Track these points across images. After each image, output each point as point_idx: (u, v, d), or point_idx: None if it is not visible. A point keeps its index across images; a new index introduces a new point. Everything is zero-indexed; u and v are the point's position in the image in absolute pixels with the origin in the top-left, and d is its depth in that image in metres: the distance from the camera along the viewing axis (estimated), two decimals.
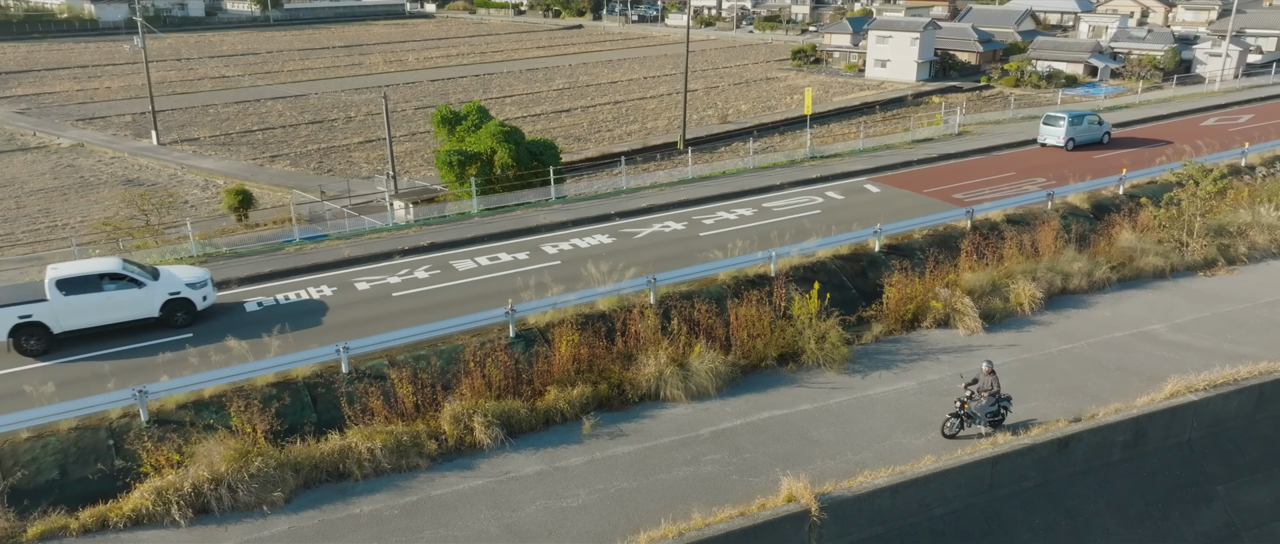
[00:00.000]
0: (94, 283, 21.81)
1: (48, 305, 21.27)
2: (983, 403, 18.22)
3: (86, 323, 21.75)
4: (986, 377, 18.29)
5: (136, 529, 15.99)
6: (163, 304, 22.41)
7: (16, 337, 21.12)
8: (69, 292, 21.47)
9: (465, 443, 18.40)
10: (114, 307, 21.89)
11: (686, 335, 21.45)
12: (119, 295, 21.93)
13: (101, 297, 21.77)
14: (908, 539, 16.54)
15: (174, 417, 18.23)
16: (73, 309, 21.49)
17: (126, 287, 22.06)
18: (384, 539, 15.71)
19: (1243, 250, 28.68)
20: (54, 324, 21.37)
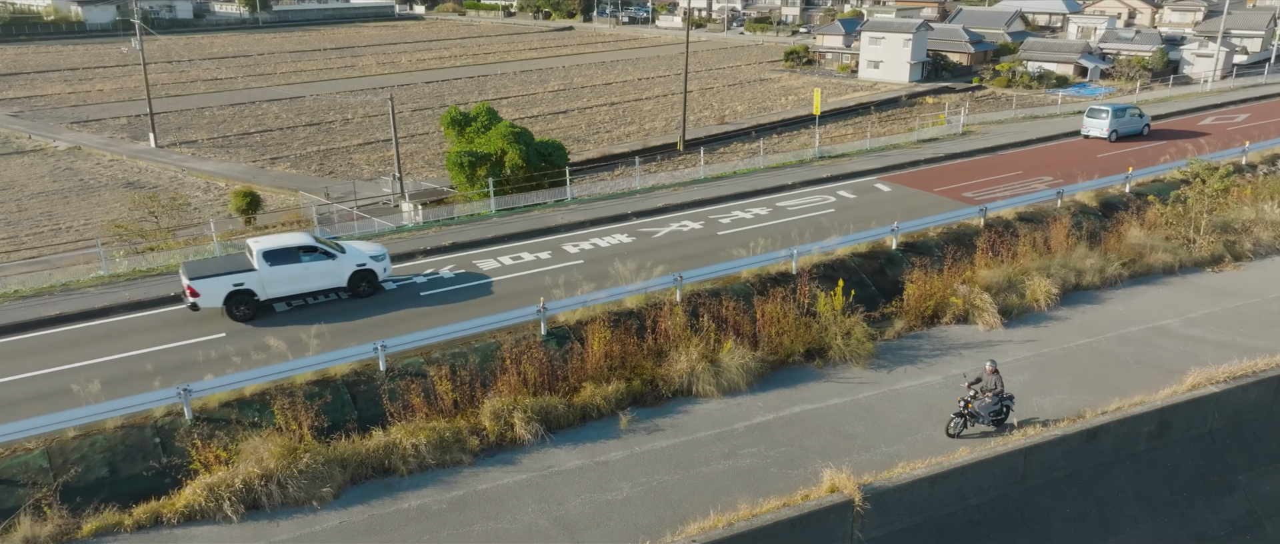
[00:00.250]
0: (294, 255, 23.62)
1: (256, 275, 23.02)
2: (987, 402, 18.39)
3: (287, 291, 23.65)
4: (990, 376, 18.43)
5: (190, 525, 16.19)
6: (350, 275, 24.24)
7: (230, 303, 22.79)
8: (273, 262, 23.25)
9: (506, 438, 18.68)
10: (310, 277, 23.76)
11: (715, 332, 21.81)
12: (314, 266, 23.76)
13: (299, 267, 23.61)
14: (945, 528, 16.96)
15: (217, 414, 18.44)
16: (276, 278, 23.30)
17: (320, 258, 23.89)
18: (435, 533, 15.99)
19: (1248, 246, 29.30)
20: (261, 292, 23.15)
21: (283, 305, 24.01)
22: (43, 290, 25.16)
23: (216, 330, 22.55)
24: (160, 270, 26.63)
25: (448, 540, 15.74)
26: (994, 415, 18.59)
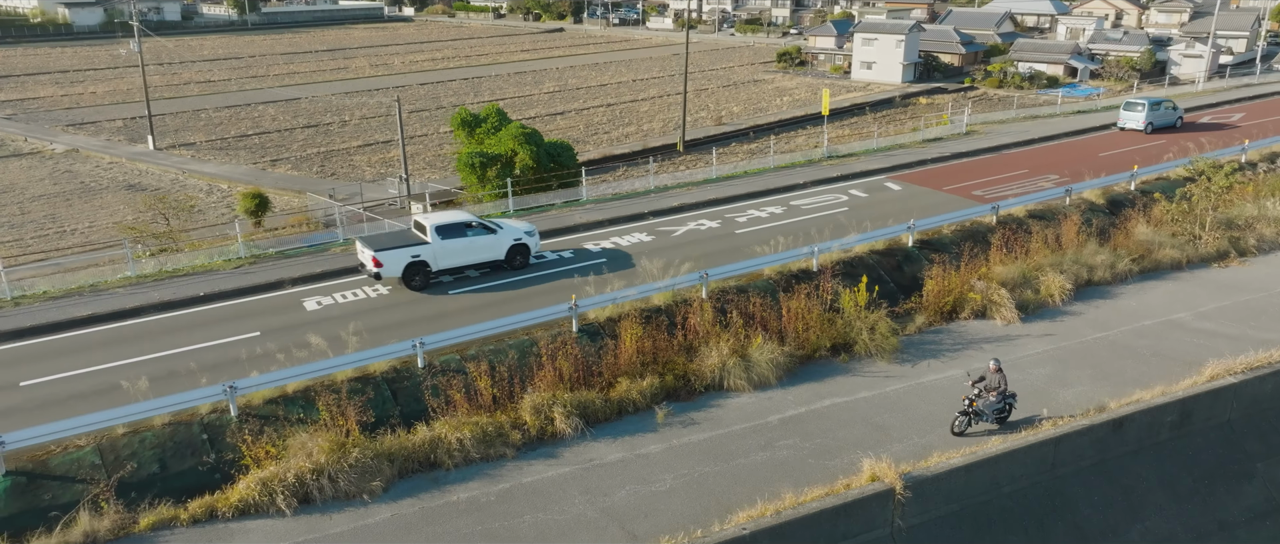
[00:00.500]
0: (461, 230, 25.75)
1: (430, 247, 25.16)
2: (991, 401, 18.61)
3: (455, 263, 25.80)
4: (994, 375, 18.64)
5: (244, 519, 16.47)
6: (508, 249, 26.40)
7: (407, 273, 24.83)
8: (445, 236, 25.38)
9: (547, 432, 19.05)
10: (475, 250, 25.95)
11: (743, 328, 22.25)
12: (478, 240, 25.97)
13: (465, 241, 25.77)
14: (980, 516, 17.45)
15: (262, 411, 18.71)
16: (447, 251, 25.47)
17: (482, 233, 26.07)
18: (486, 524, 16.33)
19: (1252, 242, 30.00)
20: (434, 263, 25.28)
21: (447, 277, 26.12)
22: (72, 291, 25.33)
23: (251, 330, 22.81)
24: (186, 271, 26.83)
25: (499, 532, 16.09)
26: (997, 413, 18.83)
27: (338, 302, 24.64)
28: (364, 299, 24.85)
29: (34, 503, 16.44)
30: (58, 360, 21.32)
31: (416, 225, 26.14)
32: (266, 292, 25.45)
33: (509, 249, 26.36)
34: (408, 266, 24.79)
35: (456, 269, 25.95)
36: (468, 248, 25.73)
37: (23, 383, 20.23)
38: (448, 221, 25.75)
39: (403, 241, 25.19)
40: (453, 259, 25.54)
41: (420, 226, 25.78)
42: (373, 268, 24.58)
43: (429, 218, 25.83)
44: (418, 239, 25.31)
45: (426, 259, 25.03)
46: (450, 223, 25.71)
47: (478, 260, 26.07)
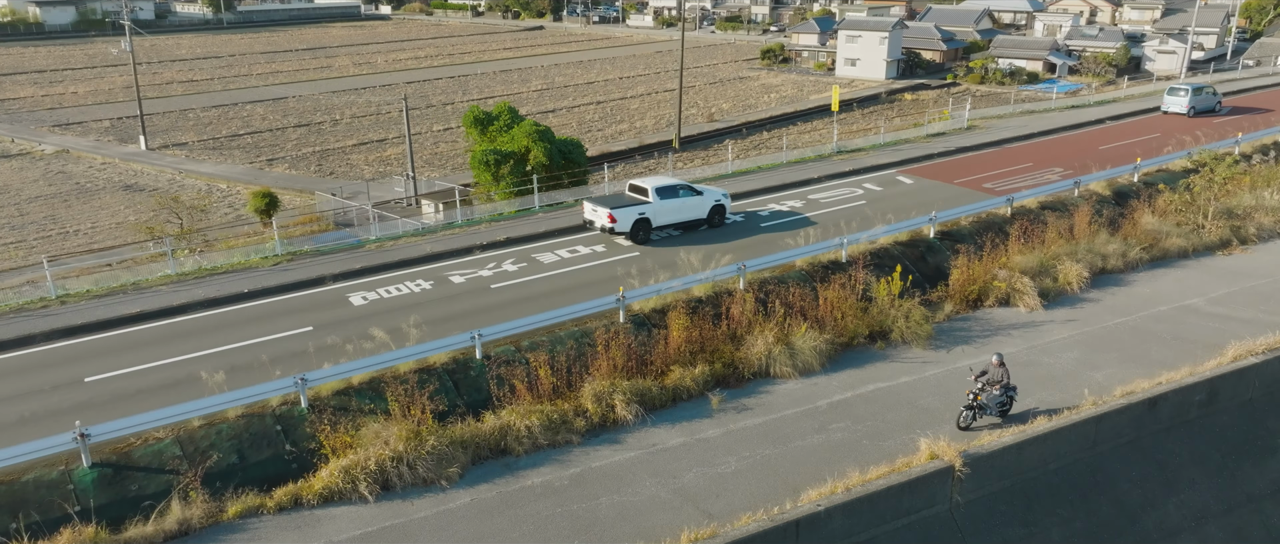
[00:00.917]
0: (675, 192, 29.59)
1: (651, 206, 28.93)
2: (995, 394, 19.04)
3: (670, 220, 29.53)
4: (997, 369, 19.03)
5: (328, 506, 16.95)
6: (710, 209, 30.15)
7: (635, 228, 28.58)
8: (663, 197, 29.24)
9: (609, 419, 19.68)
10: (685, 209, 29.73)
11: (783, 317, 23.02)
12: (688, 201, 29.73)
13: (678, 202, 29.58)
14: (1029, 491, 18.35)
15: (329, 402, 19.17)
16: (665, 210, 29.20)
17: (691, 195, 29.81)
18: (565, 506, 16.95)
19: (1252, 231, 31.26)
20: (654, 219, 29.02)
21: (659, 234, 29.52)
22: (114, 289, 25.57)
23: (303, 325, 23.23)
24: (225, 268, 27.13)
25: (579, 513, 16.71)
26: (1001, 407, 19.26)
27: (383, 297, 25.09)
28: (408, 294, 25.33)
29: (122, 493, 16.83)
30: (116, 357, 21.62)
31: (633, 188, 30.16)
32: (309, 288, 25.85)
33: (711, 209, 30.21)
34: (635, 222, 28.68)
35: (669, 225, 29.68)
36: (680, 208, 29.57)
37: (87, 379, 20.53)
38: (665, 184, 29.76)
39: (629, 202, 29.11)
40: (669, 217, 29.38)
41: (639, 189, 29.77)
42: (608, 224, 28.59)
43: (648, 181, 29.96)
44: (640, 199, 29.22)
45: (649, 216, 28.87)
46: (667, 185, 29.73)
47: (686, 219, 29.83)
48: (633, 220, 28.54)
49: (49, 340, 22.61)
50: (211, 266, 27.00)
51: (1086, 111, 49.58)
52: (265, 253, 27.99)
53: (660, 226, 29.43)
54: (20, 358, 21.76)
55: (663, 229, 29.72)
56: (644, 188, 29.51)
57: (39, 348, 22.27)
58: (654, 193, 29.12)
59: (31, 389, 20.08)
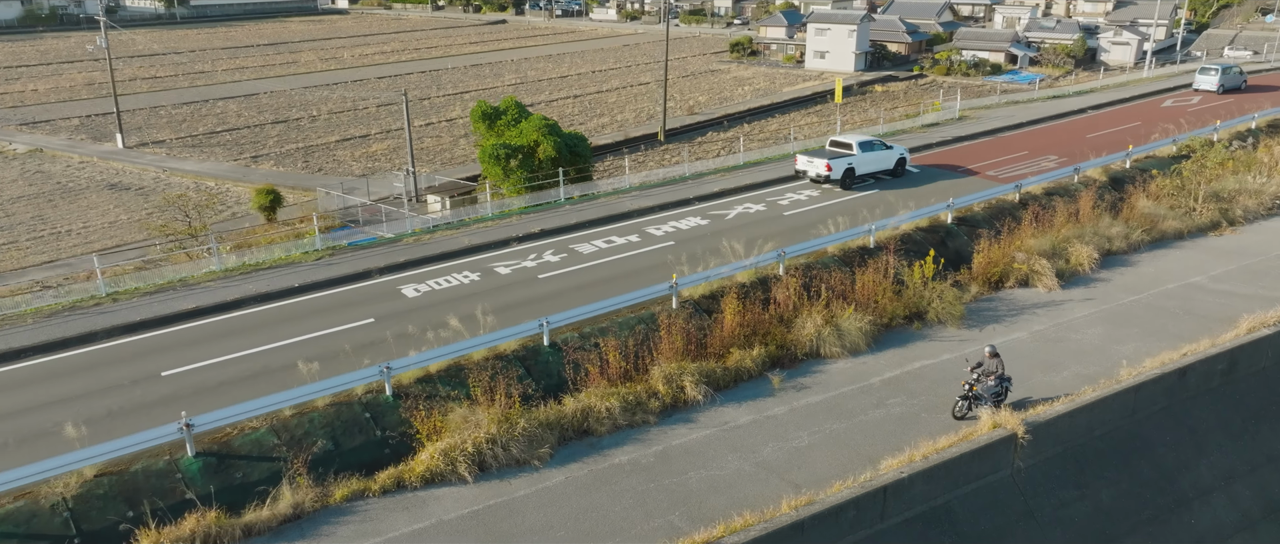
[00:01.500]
0: (872, 146, 35.26)
1: (857, 158, 34.70)
2: (990, 385, 19.45)
3: (867, 170, 35.14)
4: (991, 360, 19.48)
5: (430, 487, 17.64)
6: (896, 161, 35.92)
7: (845, 176, 34.38)
8: (864, 150, 34.99)
9: (679, 400, 20.60)
10: (879, 161, 35.47)
11: (827, 300, 24.13)
12: (881, 154, 35.49)
13: (875, 154, 35.33)
14: (1079, 455, 19.69)
15: (411, 389, 19.80)
16: (865, 161, 34.97)
17: (882, 149, 35.59)
18: (657, 481, 17.84)
19: (1239, 212, 33.19)
20: (858, 169, 34.74)
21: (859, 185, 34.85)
22: (163, 286, 25.78)
23: (364, 317, 23.75)
24: (268, 264, 27.45)
25: (672, 487, 17.62)
26: (995, 397, 19.62)
27: (434, 288, 25.68)
28: (458, 286, 25.93)
29: (227, 481, 17.32)
30: (185, 351, 21.95)
31: (835, 144, 35.59)
32: (357, 281, 26.32)
33: (896, 161, 35.99)
34: (845, 171, 34.34)
35: (867, 175, 35.16)
36: (876, 159, 35.24)
37: (164, 373, 20.88)
38: (864, 139, 35.46)
39: (837, 154, 34.86)
40: (868, 167, 35.08)
41: (842, 144, 35.26)
42: (825, 172, 34.30)
43: (850, 136, 35.56)
44: (847, 152, 34.82)
45: (854, 166, 34.59)
46: (866, 140, 35.37)
47: (878, 169, 35.42)
48: (844, 169, 34.36)
49: (111, 337, 22.84)
50: (255, 262, 27.29)
51: (1067, 102, 51.60)
52: (305, 248, 28.33)
53: (861, 175, 34.93)
54: (89, 354, 21.99)
55: (861, 177, 35.11)
56: (847, 142, 35.16)
57: (103, 344, 22.49)
58: (857, 146, 34.91)
59: (111, 384, 20.38)
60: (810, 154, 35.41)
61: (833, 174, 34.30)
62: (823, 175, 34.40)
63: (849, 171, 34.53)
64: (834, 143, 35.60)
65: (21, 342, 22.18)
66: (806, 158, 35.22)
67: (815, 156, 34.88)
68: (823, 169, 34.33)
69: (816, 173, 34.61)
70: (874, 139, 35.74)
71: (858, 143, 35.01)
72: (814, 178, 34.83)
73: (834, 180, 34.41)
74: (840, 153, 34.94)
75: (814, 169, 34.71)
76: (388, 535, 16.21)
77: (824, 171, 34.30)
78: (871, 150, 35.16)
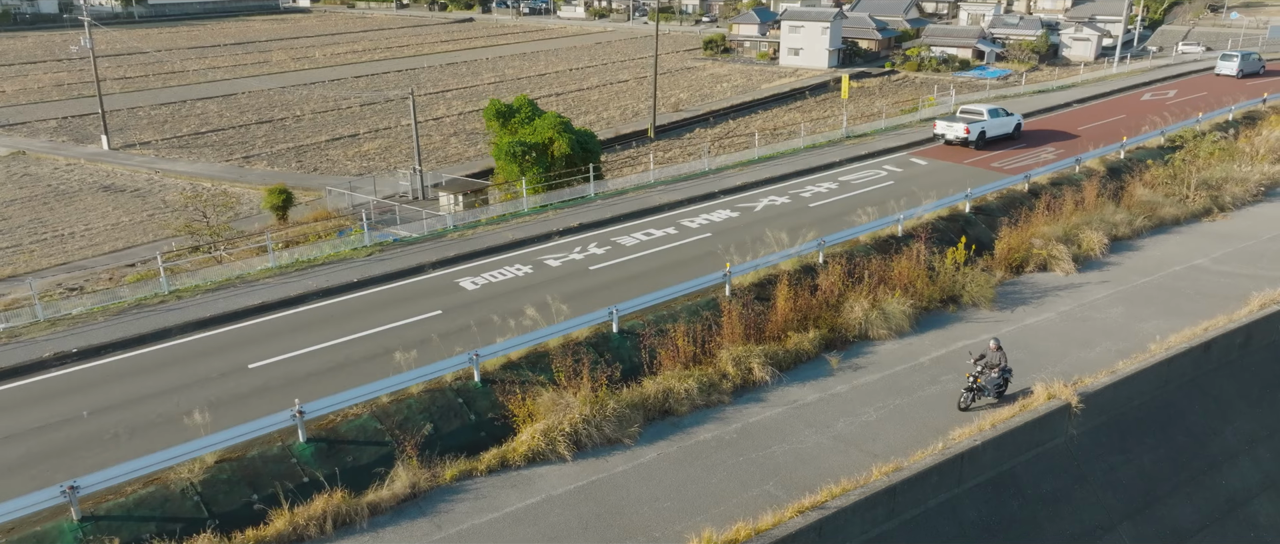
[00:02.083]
0: (998, 113, 41.75)
1: (988, 122, 41.16)
2: (993, 377, 20.15)
3: (995, 133, 41.46)
4: (995, 353, 20.14)
5: (532, 466, 18.60)
6: (1014, 126, 42.37)
7: (979, 138, 40.76)
8: (993, 116, 41.38)
9: (748, 381, 21.77)
10: (1002, 125, 41.77)
11: (868, 285, 25.49)
12: (1005, 119, 41.80)
13: (1000, 119, 41.57)
14: (1122, 424, 21.26)
15: (496, 375, 20.75)
16: (993, 125, 41.35)
17: (1005, 115, 42.09)
18: (744, 455, 19.00)
19: (1228, 199, 35.28)
20: (988, 132, 41.28)
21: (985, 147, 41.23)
22: (223, 283, 26.31)
23: (432, 309, 24.58)
24: (321, 261, 28.09)
25: (761, 460, 18.80)
26: (998, 388, 20.40)
27: (491, 281, 26.56)
28: (513, 278, 26.84)
29: (338, 464, 18.11)
30: (263, 345, 22.61)
31: (964, 111, 42.33)
32: (412, 276, 27.10)
33: (1015, 126, 42.29)
34: (979, 133, 40.56)
35: (995, 137, 41.26)
36: (1000, 124, 41.32)
37: (251, 365, 21.55)
38: (992, 107, 42.13)
39: (972, 120, 41.17)
40: (996, 130, 41.42)
41: (973, 111, 41.87)
42: (964, 135, 40.53)
43: (979, 106, 42.40)
44: (978, 118, 41.21)
45: (986, 130, 40.94)
46: (993, 108, 41.96)
47: (1001, 133, 41.53)
48: (979, 131, 40.73)
49: (185, 333, 23.39)
50: (308, 259, 27.91)
51: (1052, 97, 53.72)
52: (353, 245, 28.98)
53: (991, 138, 40.98)
54: (171, 349, 22.55)
55: (991, 139, 41.08)
56: (979, 110, 41.68)
57: (180, 340, 23.05)
58: (986, 113, 41.36)
59: (202, 377, 21.00)
60: (948, 120, 41.60)
61: (970, 136, 40.47)
62: (961, 137, 40.46)
63: (981, 134, 40.64)
64: (964, 111, 42.17)
65: (102, 338, 22.66)
66: (945, 123, 41.46)
67: (954, 122, 40.99)
68: (962, 132, 40.43)
69: (956, 135, 40.60)
70: (997, 108, 41.89)
71: (987, 110, 41.18)
72: (951, 140, 40.97)
73: (970, 141, 40.47)
74: (974, 119, 40.91)
75: (953, 132, 40.78)
76: (504, 511, 17.17)
77: (963, 134, 40.37)
78: (997, 116, 41.17)
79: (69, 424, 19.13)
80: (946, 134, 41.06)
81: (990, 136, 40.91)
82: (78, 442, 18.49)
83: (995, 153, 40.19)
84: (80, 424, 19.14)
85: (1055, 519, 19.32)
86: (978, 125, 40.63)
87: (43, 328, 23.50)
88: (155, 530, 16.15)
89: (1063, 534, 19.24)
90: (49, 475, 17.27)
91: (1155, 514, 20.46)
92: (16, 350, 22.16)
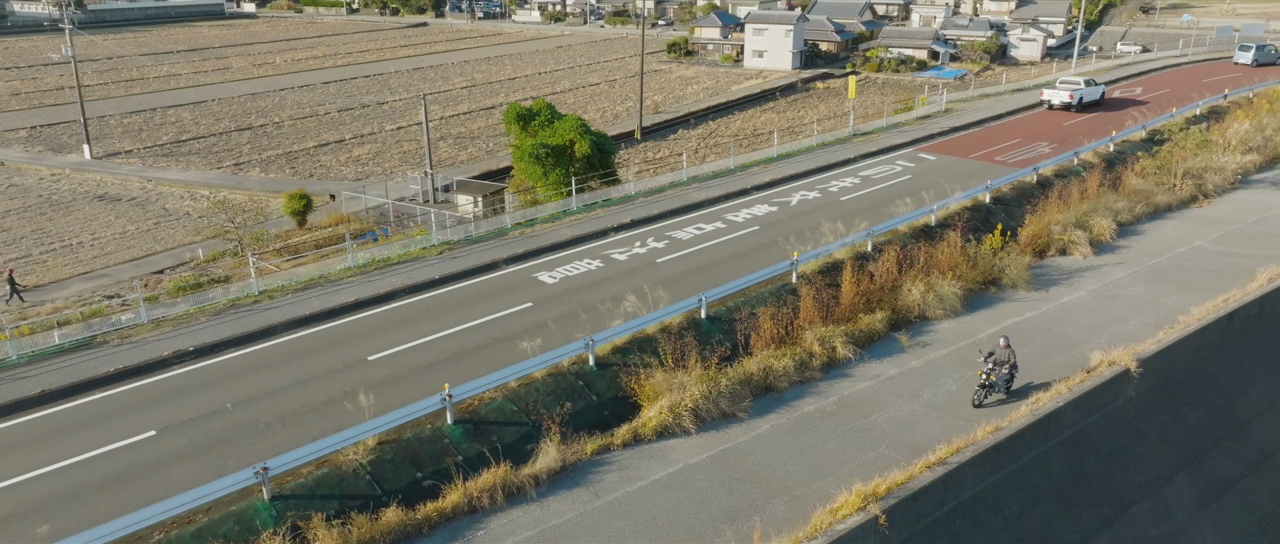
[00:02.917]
0: (1091, 82, 52.31)
1: (1083, 90, 51.87)
2: (1004, 374, 20.94)
3: (1089, 99, 52.08)
4: (1004, 350, 20.86)
5: (662, 439, 20.14)
6: (1100, 94, 52.91)
7: (1079, 102, 51.71)
8: (1086, 85, 52.03)
9: (832, 358, 23.65)
10: (1093, 93, 52.43)
11: (919, 269, 27.60)
12: (1094, 88, 52.65)
13: (1091, 88, 52.36)
14: (1168, 386, 23.67)
15: (607, 360, 22.28)
16: (1088, 93, 52.09)
17: (1095, 86, 52.68)
18: (851, 423, 20.83)
19: (1211, 187, 38.45)
20: (1084, 98, 51.86)
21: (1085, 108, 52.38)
22: (308, 283, 27.23)
23: (522, 302, 25.92)
24: (395, 260, 29.15)
25: (868, 427, 20.65)
26: (1006, 384, 21.20)
27: (567, 274, 27.98)
28: (586, 271, 28.29)
29: (485, 443, 19.45)
30: (374, 339, 23.71)
31: (1062, 82, 53.00)
32: (488, 272, 28.37)
33: (1101, 94, 52.80)
34: (1079, 99, 51.28)
35: (1089, 103, 51.93)
36: (1092, 92, 52.20)
37: (370, 358, 22.67)
38: (1087, 78, 53.02)
39: (1071, 88, 51.98)
40: (1089, 96, 52.01)
41: (1070, 82, 52.45)
42: (1069, 99, 51.56)
43: (1072, 77, 54.04)
44: (1077, 86, 51.85)
45: (1084, 95, 51.72)
46: (1087, 79, 52.73)
47: (1091, 99, 52.04)
48: (1079, 97, 51.42)
49: (289, 330, 24.36)
50: (382, 259, 28.94)
51: (1030, 95, 56.90)
52: (423, 244, 30.09)
53: (1086, 103, 51.66)
54: (281, 345, 23.52)
55: (1086, 104, 51.79)
56: (1074, 80, 52.53)
57: (285, 337, 24.01)
58: (1083, 83, 52.07)
59: (328, 369, 22.07)
60: (1052, 89, 52.90)
61: (1073, 100, 51.46)
62: (1065, 101, 51.62)
63: (1080, 99, 51.58)
64: (1063, 82, 53.11)
65: (211, 337, 23.52)
66: (1051, 91, 52.77)
67: (1058, 90, 52.36)
68: (1066, 97, 51.58)
69: (1061, 100, 51.77)
70: (1090, 78, 54.00)
71: (1083, 81, 52.42)
72: (1057, 105, 52.00)
73: (1072, 105, 51.55)
74: (1074, 88, 51.92)
75: (1058, 98, 51.94)
76: (650, 479, 18.70)
77: (1068, 99, 51.45)
78: (1091, 86, 52.24)
79: (218, 416, 20.07)
80: (1052, 99, 51.84)
81: (1085, 102, 51.63)
82: (235, 431, 19.48)
83: (993, 148, 42.86)
84: (228, 415, 20.10)
85: (1123, 471, 21.60)
86: (1078, 92, 51.37)
87: (149, 328, 24.24)
88: (337, 507, 17.33)
89: (1130, 484, 21.52)
90: (220, 462, 18.28)
91: (1203, 465, 22.93)
92: (135, 350, 22.92)
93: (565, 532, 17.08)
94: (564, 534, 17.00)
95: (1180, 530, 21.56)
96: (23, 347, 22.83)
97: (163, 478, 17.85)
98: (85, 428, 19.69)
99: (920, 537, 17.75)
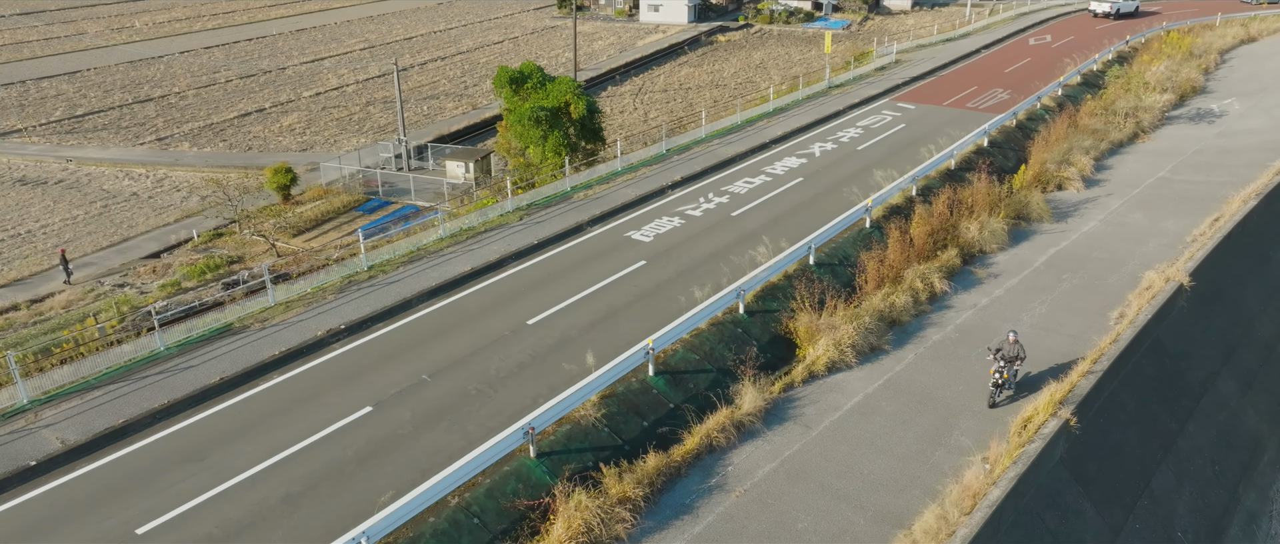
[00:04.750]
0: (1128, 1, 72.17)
1: (1122, 4, 71.66)
2: (1015, 369, 20.56)
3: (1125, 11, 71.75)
4: (1012, 345, 20.14)
5: (833, 374, 22.20)
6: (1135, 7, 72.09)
7: (1116, 13, 70.99)
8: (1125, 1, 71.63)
9: (933, 293, 26.35)
10: (1130, 5, 71.96)
11: (964, 209, 30.68)
12: (1131, 3, 72.07)
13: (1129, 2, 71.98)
14: (1202, 297, 27.67)
15: (751, 307, 24.14)
16: (1125, 6, 71.52)
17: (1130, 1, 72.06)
18: (974, 347, 23.55)
19: (1146, 124, 43.63)
20: (1122, 9, 71.21)
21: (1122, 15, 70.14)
22: (410, 256, 27.41)
23: (635, 260, 27.16)
24: (480, 229, 29.57)
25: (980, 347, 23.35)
26: (1016, 378, 21.12)
27: (659, 232, 29.33)
28: (673, 229, 29.71)
29: (684, 391, 20.98)
30: (521, 303, 24.51)
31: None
32: (578, 234, 29.36)
33: (1135, 7, 68.86)
34: (1117, 10, 69.13)
35: (1125, 14, 69.36)
36: (1130, 4, 69.76)
37: (529, 322, 23.51)
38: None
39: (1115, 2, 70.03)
40: (1126, 8, 69.98)
41: None
42: (1109, 10, 70.40)
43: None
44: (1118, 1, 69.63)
45: (1120, 7, 70.33)
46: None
47: (1131, 10, 70.21)
48: (1117, 8, 69.51)
49: (424, 303, 24.74)
50: (469, 228, 29.30)
51: (960, 45, 61.20)
52: (502, 211, 30.56)
53: (1123, 14, 69.50)
54: (431, 315, 23.98)
55: (1122, 15, 69.63)
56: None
57: (426, 308, 24.41)
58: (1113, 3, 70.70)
59: (495, 337, 22.79)
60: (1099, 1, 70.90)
61: (1112, 11, 69.78)
62: (1106, 11, 70.21)
63: (1118, 10, 69.66)
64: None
65: (353, 314, 23.74)
66: (1097, 3, 70.83)
67: (1103, 2, 70.22)
68: (1107, 8, 70.22)
69: (1103, 10, 70.47)
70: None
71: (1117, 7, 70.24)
72: (1101, 14, 70.54)
73: (1111, 15, 69.99)
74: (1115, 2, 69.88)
75: (1101, 9, 70.73)
76: (844, 408, 20.79)
77: (1108, 9, 70.06)
78: (1128, 2, 70.17)
79: (422, 387, 20.60)
80: (1097, 9, 70.92)
81: (1123, 13, 69.49)
82: (452, 399, 20.12)
83: (957, 96, 46.67)
84: (431, 386, 20.66)
85: (1188, 371, 25.47)
86: (1116, 4, 69.33)
87: (279, 310, 24.04)
88: (592, 458, 18.54)
89: (1195, 381, 25.44)
90: (462, 428, 19.01)
91: (1238, 360, 27.22)
92: (284, 333, 22.80)
93: (801, 459, 18.97)
94: (801, 462, 18.89)
95: (1234, 417, 25.73)
96: (169, 338, 22.28)
97: (418, 446, 18.45)
98: (295, 409, 19.83)
99: (1086, 430, 20.71)
